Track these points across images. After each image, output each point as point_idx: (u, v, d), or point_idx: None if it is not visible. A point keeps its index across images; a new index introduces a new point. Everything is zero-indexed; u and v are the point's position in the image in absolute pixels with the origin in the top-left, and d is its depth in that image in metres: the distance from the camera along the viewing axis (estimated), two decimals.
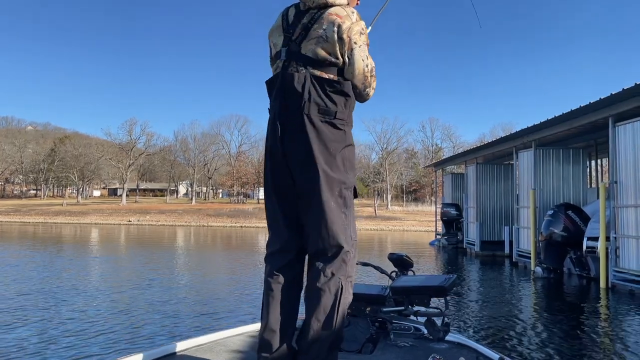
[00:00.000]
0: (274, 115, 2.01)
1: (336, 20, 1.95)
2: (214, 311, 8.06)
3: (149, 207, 60.81)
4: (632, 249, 10.06)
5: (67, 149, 74.58)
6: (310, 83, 1.95)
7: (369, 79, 2.02)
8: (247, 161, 78.54)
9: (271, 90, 2.08)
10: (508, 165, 19.37)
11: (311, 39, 1.97)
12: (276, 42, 2.10)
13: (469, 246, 19.86)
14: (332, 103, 1.97)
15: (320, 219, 1.96)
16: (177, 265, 15.54)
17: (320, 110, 1.95)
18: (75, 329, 6.61)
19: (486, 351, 2.42)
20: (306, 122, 1.94)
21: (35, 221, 48.91)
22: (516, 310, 8.98)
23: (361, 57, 1.98)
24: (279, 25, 2.11)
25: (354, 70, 1.98)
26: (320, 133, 1.95)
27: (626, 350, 6.31)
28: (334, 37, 1.94)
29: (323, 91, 1.96)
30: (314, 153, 1.94)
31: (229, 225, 46.62)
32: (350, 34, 1.95)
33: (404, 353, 2.37)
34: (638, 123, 9.97)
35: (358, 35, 1.98)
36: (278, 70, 2.05)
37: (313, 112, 1.95)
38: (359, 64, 1.98)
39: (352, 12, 2.01)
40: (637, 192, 9.98)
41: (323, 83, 1.96)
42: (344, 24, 1.95)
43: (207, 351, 2.40)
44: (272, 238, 2.10)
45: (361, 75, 1.99)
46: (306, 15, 2.03)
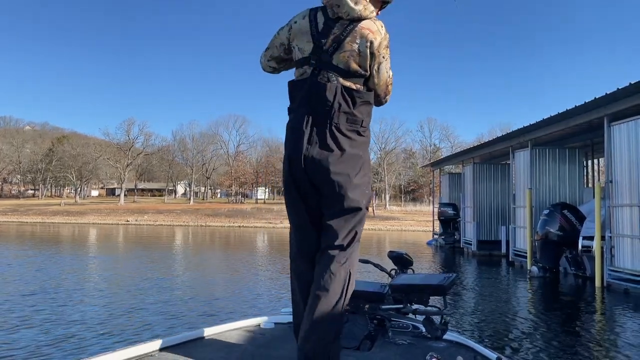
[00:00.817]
0: (299, 122, 2.08)
1: (369, 36, 2.06)
2: (217, 312, 8.08)
3: (147, 207, 60.75)
4: (627, 248, 10.12)
5: (65, 149, 74.44)
6: (340, 94, 2.04)
7: (389, 88, 2.18)
8: (246, 161, 78.49)
9: (295, 93, 2.15)
10: (505, 165, 19.43)
11: (344, 52, 2.05)
12: (303, 48, 2.13)
13: (466, 246, 19.91)
14: (359, 113, 2.08)
15: (343, 218, 2.09)
16: (178, 266, 15.56)
17: (349, 120, 2.06)
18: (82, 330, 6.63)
19: (484, 350, 2.44)
20: (335, 131, 2.04)
21: (33, 221, 48.83)
22: (511, 310, 9.03)
23: (386, 69, 2.13)
24: (307, 31, 2.13)
25: (379, 81, 2.12)
26: (348, 140, 2.06)
27: (620, 348, 6.36)
28: (367, 52, 2.06)
29: (352, 101, 2.06)
30: (341, 160, 2.04)
31: (227, 225, 46.59)
32: (380, 49, 2.08)
33: (402, 351, 2.38)
34: (633, 122, 10.03)
35: (385, 50, 2.11)
36: (305, 76, 2.11)
37: (342, 122, 2.05)
38: (384, 75, 2.12)
39: (381, 26, 2.11)
40: (632, 192, 10.04)
41: (352, 93, 2.07)
42: (375, 40, 2.06)
43: (206, 345, 2.42)
44: (297, 238, 2.22)
45: (384, 85, 2.14)
46: (337, 26, 2.08)
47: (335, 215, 2.09)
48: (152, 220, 48.91)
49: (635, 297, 9.54)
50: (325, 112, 2.04)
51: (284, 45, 2.21)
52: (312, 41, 2.10)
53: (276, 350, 2.37)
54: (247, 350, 2.34)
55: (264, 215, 51.55)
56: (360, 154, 2.09)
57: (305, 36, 2.13)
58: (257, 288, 10.84)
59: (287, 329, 2.74)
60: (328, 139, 2.04)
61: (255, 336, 2.60)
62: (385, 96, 2.19)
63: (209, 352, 2.31)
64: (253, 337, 2.57)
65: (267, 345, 2.46)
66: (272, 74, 2.39)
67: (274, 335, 2.64)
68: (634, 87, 9.19)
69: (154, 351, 2.26)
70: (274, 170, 72.89)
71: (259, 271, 14.22)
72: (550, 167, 14.62)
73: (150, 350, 2.25)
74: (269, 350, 2.37)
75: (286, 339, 2.53)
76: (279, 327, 2.80)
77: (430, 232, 27.77)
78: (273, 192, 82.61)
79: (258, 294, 10.05)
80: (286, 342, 2.48)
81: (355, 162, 2.08)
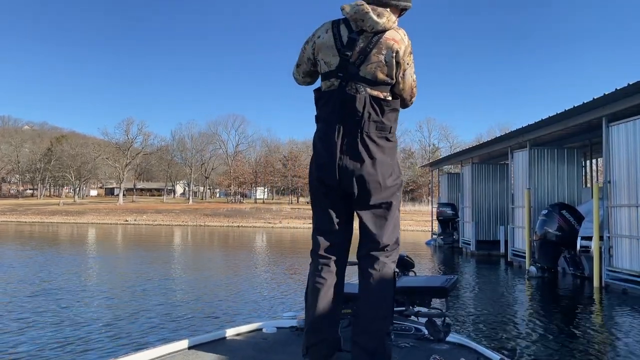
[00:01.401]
0: (331, 133, 2.17)
1: (394, 46, 2.14)
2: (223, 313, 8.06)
3: (145, 206, 60.70)
4: (625, 249, 10.13)
5: (63, 149, 74.39)
6: (369, 104, 2.14)
7: (414, 91, 2.28)
8: (245, 161, 78.52)
9: (323, 102, 2.24)
10: (504, 165, 19.43)
11: (371, 63, 2.13)
12: (329, 61, 2.20)
13: (465, 246, 19.92)
14: (387, 120, 2.18)
15: (382, 221, 2.22)
16: (179, 267, 15.54)
17: (378, 127, 2.16)
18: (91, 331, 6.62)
19: (487, 352, 2.43)
20: (366, 139, 2.14)
21: (32, 221, 48.77)
22: (509, 309, 9.03)
23: (411, 74, 2.22)
24: (332, 45, 2.19)
25: (405, 86, 2.22)
26: (378, 148, 2.16)
27: (618, 348, 6.36)
28: (393, 62, 2.14)
29: (380, 110, 2.16)
30: (375, 166, 2.14)
31: (225, 225, 46.56)
32: (405, 57, 2.17)
33: (404, 354, 2.38)
34: (631, 123, 10.03)
35: (409, 57, 2.20)
36: (333, 88, 2.20)
37: (372, 130, 2.15)
38: (409, 81, 2.22)
39: (404, 35, 2.19)
40: (631, 192, 10.04)
41: (380, 102, 2.16)
42: (400, 50, 2.14)
43: (209, 350, 2.43)
44: (320, 238, 2.29)
45: (409, 89, 2.24)
46: (361, 38, 2.15)
47: (373, 219, 2.21)
48: (150, 220, 48.88)
49: (634, 297, 9.54)
50: (356, 122, 2.14)
51: (311, 60, 2.30)
52: (338, 55, 2.17)
53: (278, 354, 2.37)
54: (249, 355, 2.35)
55: (263, 215, 51.54)
56: (389, 160, 2.20)
57: (330, 50, 2.20)
58: (260, 291, 10.83)
59: (289, 333, 2.75)
60: (360, 147, 2.14)
61: (257, 341, 2.61)
62: (410, 99, 2.28)
63: (211, 357, 2.32)
64: (255, 342, 2.58)
65: (269, 349, 2.46)
66: (309, 85, 2.46)
67: (276, 340, 2.64)
68: (632, 87, 9.19)
69: (156, 357, 2.27)
70: (272, 170, 72.94)
71: (260, 273, 14.21)
72: (548, 168, 14.62)
73: (153, 357, 2.26)
74: (271, 354, 2.37)
75: (288, 344, 2.54)
76: (281, 331, 2.80)
77: (429, 232, 27.77)
78: (272, 192, 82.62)
79: (259, 297, 10.03)
80: (288, 346, 2.49)
81: (387, 168, 2.18)
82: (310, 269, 2.30)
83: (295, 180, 70.49)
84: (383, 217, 2.21)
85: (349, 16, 2.16)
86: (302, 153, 72.92)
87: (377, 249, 2.20)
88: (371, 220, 2.22)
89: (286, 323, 2.89)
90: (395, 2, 2.19)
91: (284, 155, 75.34)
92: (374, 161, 2.14)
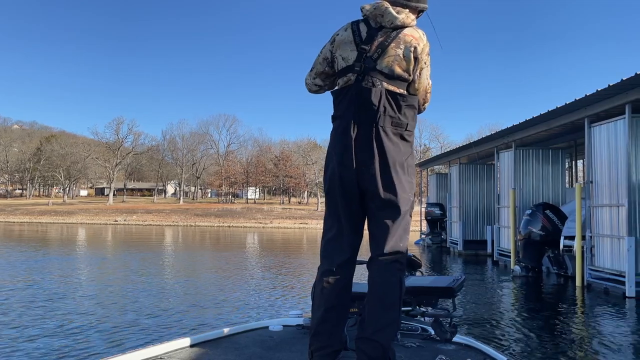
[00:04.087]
0: (346, 128, 2.14)
1: (412, 42, 2.13)
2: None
3: (136, 206, 60.39)
4: (607, 248, 10.23)
5: (53, 148, 73.77)
6: (385, 97, 2.10)
7: (427, 96, 2.22)
8: (236, 161, 78.25)
9: (339, 100, 2.20)
10: (491, 166, 19.55)
11: (389, 57, 2.12)
12: (347, 57, 2.19)
13: (453, 245, 20.03)
14: (404, 116, 2.13)
15: (390, 225, 2.14)
16: (171, 268, 15.49)
17: (394, 122, 2.11)
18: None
19: (494, 353, 2.43)
20: (381, 133, 2.09)
21: (20, 221, 48.40)
22: (490, 308, 9.09)
23: (427, 76, 2.18)
24: (350, 40, 2.19)
25: (419, 86, 2.17)
26: (393, 144, 2.11)
27: (593, 346, 6.44)
28: (410, 56, 2.12)
29: (396, 105, 2.12)
30: (389, 163, 2.09)
31: (216, 225, 46.48)
32: (423, 55, 2.15)
33: (410, 354, 2.38)
34: (612, 124, 10.13)
35: (427, 57, 2.17)
36: (350, 83, 2.17)
37: (387, 125, 2.10)
38: (424, 81, 2.18)
39: (423, 34, 2.19)
40: (612, 192, 10.14)
41: (397, 97, 2.12)
42: (419, 46, 2.14)
43: (215, 347, 2.44)
44: (331, 238, 2.24)
45: (424, 92, 2.19)
46: (380, 33, 2.16)
47: (382, 222, 2.15)
48: (141, 220, 48.68)
49: (615, 296, 9.64)
50: (371, 116, 2.10)
51: (327, 59, 2.29)
52: (356, 49, 2.17)
53: (284, 352, 2.38)
54: (256, 353, 2.36)
55: (254, 215, 51.46)
56: (404, 159, 2.14)
57: (349, 45, 2.20)
58: (261, 291, 10.82)
59: (295, 331, 2.77)
60: (374, 143, 2.09)
61: (264, 339, 2.62)
62: (423, 103, 2.23)
63: (217, 354, 2.33)
64: (261, 340, 2.59)
65: (275, 348, 2.46)
66: (317, 93, 2.42)
67: (282, 338, 2.65)
68: (612, 88, 9.29)
69: (163, 354, 2.28)
70: (264, 170, 72.74)
71: (260, 274, 14.21)
72: (533, 168, 14.74)
73: (159, 353, 2.27)
74: (277, 353, 2.38)
75: (294, 342, 2.55)
76: (287, 329, 2.81)
77: (418, 232, 27.88)
78: (263, 192, 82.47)
79: (261, 297, 10.03)
80: (294, 344, 2.50)
81: (400, 167, 2.13)
82: (318, 271, 2.27)
83: (286, 181, 70.39)
84: (392, 220, 2.14)
85: (369, 13, 2.19)
86: (294, 153, 72.84)
87: (383, 254, 2.13)
88: (380, 222, 2.16)
89: (292, 321, 2.90)
90: (415, 3, 2.23)
91: (275, 155, 75.18)
92: (389, 156, 2.10)
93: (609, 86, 9.21)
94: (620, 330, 7.37)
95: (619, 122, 9.95)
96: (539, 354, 5.94)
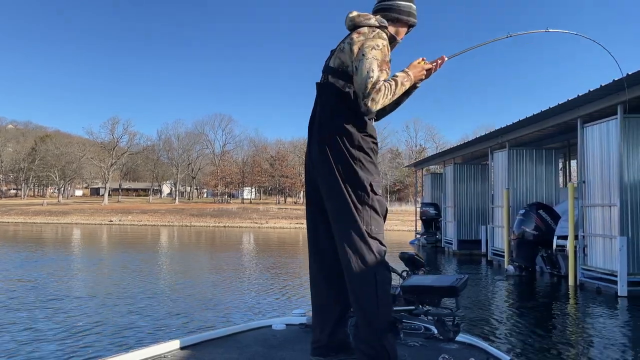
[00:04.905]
0: (309, 124, 2.29)
1: (354, 36, 2.18)
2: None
3: (131, 207, 60.21)
4: (599, 248, 10.28)
5: (48, 148, 73.51)
6: (330, 93, 2.19)
7: (369, 90, 2.03)
8: (232, 161, 78.19)
9: None
10: (485, 165, 19.60)
11: (336, 53, 2.25)
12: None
13: (447, 245, 20.08)
14: (340, 104, 2.17)
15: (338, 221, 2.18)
16: (169, 268, 15.47)
17: (341, 118, 2.15)
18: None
19: (497, 352, 2.44)
20: (327, 130, 2.17)
21: (15, 221, 48.13)
22: (485, 308, 9.12)
23: (366, 67, 2.06)
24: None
25: (357, 79, 2.10)
26: (336, 140, 2.14)
27: (584, 345, 6.48)
28: (348, 48, 2.18)
29: (342, 100, 2.16)
30: (330, 160, 2.13)
31: (212, 225, 46.36)
32: (362, 46, 2.12)
33: (413, 353, 2.38)
34: (605, 124, 10.19)
35: (369, 49, 2.10)
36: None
37: (335, 121, 2.16)
38: (361, 73, 2.07)
39: (372, 31, 2.18)
40: (604, 192, 10.20)
41: (338, 90, 2.18)
42: (358, 38, 2.16)
43: (218, 346, 2.45)
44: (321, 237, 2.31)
45: (362, 84, 2.05)
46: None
47: (332, 218, 2.17)
48: (136, 221, 48.50)
49: (607, 295, 9.69)
50: (320, 112, 2.20)
51: None
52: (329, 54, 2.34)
53: (287, 351, 2.39)
54: (258, 352, 2.37)
55: (250, 215, 51.40)
56: (349, 153, 2.13)
57: None
58: (262, 291, 10.82)
59: (298, 330, 2.78)
60: (322, 138, 2.16)
61: (267, 337, 2.63)
62: (363, 98, 2.04)
63: (220, 353, 2.34)
64: (264, 339, 2.60)
65: (278, 346, 2.48)
66: None
67: (285, 337, 2.66)
68: (604, 89, 9.34)
69: (166, 352, 2.29)
70: (260, 170, 72.71)
71: (259, 274, 14.20)
72: (527, 168, 14.79)
73: (162, 352, 2.28)
74: (280, 351, 2.39)
75: (297, 340, 2.56)
76: (290, 328, 2.81)
77: (414, 232, 27.93)
78: (259, 192, 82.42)
79: (262, 296, 10.03)
80: (297, 343, 2.51)
81: (344, 163, 2.13)
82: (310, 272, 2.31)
83: (282, 180, 70.38)
84: (340, 217, 2.15)
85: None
86: (290, 153, 72.85)
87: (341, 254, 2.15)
88: (332, 219, 2.19)
89: (295, 320, 2.91)
90: (406, 17, 2.31)
91: (271, 155, 75.18)
92: (332, 153, 2.13)
93: (601, 87, 9.27)
94: (610, 329, 7.41)
95: (611, 123, 10.00)
96: (531, 352, 5.97)
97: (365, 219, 2.15)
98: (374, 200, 2.17)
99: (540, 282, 12.24)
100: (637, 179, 9.76)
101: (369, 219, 2.16)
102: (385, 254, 2.18)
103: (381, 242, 2.18)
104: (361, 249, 2.11)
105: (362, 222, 2.14)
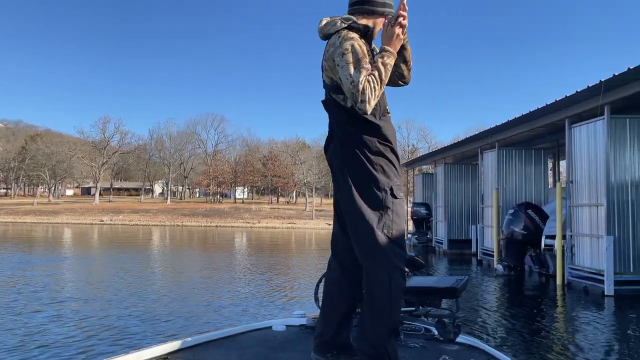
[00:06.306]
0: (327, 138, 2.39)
1: (329, 50, 2.21)
2: None
3: (122, 206, 59.92)
4: (586, 247, 10.35)
5: (38, 147, 72.91)
6: (333, 106, 2.26)
7: (355, 94, 2.08)
8: (224, 160, 77.96)
9: None
10: (475, 165, 19.68)
11: (323, 72, 2.30)
12: None
13: (438, 244, 20.15)
14: (347, 117, 2.22)
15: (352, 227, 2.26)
16: (164, 269, 15.41)
17: (344, 131, 2.24)
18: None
19: (497, 354, 2.44)
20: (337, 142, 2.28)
21: (4, 220, 47.75)
22: (473, 307, 9.16)
23: (344, 75, 2.11)
24: None
25: (344, 90, 2.15)
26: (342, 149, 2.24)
27: (568, 343, 6.53)
28: (327, 65, 2.23)
29: (343, 111, 2.22)
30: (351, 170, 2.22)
31: (203, 225, 46.25)
32: (335, 58, 2.16)
33: (414, 354, 2.39)
34: (592, 124, 10.26)
35: (340, 57, 2.14)
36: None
37: (342, 133, 2.25)
38: (344, 82, 2.12)
39: (338, 37, 2.18)
40: (591, 192, 10.27)
41: (342, 104, 2.22)
42: (329, 51, 2.20)
43: (218, 347, 2.45)
44: (336, 239, 2.38)
45: (348, 92, 2.11)
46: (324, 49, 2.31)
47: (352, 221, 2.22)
48: (127, 220, 48.29)
49: (594, 295, 9.76)
50: (335, 127, 2.29)
51: None
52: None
53: (288, 352, 2.39)
54: (259, 353, 2.37)
55: (242, 215, 51.32)
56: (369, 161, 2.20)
57: None
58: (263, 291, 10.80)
59: (299, 331, 2.78)
60: (342, 152, 2.24)
61: (267, 339, 2.63)
62: (355, 103, 2.09)
63: (221, 354, 2.34)
64: (265, 340, 2.60)
65: (278, 348, 2.47)
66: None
67: (285, 338, 2.65)
68: (591, 90, 9.40)
69: (166, 354, 2.28)
70: (252, 170, 72.56)
71: (259, 274, 14.18)
72: (516, 168, 14.87)
73: (162, 353, 2.27)
74: (280, 353, 2.39)
75: (298, 342, 2.56)
76: (290, 329, 2.81)
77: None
78: (252, 191, 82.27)
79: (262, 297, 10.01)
80: (298, 344, 2.51)
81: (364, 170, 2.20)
82: (327, 270, 2.35)
83: (275, 180, 70.27)
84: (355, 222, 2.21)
85: None
86: (282, 153, 72.76)
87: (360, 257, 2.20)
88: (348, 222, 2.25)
89: (296, 321, 2.91)
90: (381, 8, 2.28)
91: (264, 155, 75.04)
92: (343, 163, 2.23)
93: (588, 87, 9.32)
94: (596, 328, 7.46)
95: (598, 123, 10.07)
96: (520, 351, 6.00)
97: (386, 223, 2.19)
98: (395, 204, 2.21)
99: (529, 281, 12.32)
100: (623, 179, 9.84)
101: (390, 222, 2.19)
102: (403, 259, 2.21)
103: (401, 245, 2.21)
104: (380, 252, 2.14)
105: (383, 226, 2.18)
